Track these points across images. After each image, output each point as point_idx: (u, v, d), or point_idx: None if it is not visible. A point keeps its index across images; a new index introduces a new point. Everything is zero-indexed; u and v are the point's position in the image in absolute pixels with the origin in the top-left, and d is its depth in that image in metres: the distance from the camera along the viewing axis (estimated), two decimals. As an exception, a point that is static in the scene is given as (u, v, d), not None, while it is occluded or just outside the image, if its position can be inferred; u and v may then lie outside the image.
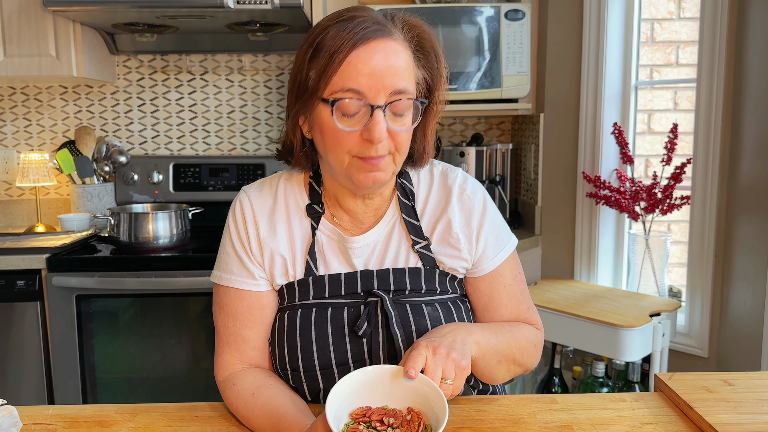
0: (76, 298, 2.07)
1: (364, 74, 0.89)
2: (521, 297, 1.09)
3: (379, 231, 1.04)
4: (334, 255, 1.04)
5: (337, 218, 1.05)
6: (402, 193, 1.06)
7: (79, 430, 0.95)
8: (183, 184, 2.60)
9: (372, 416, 0.79)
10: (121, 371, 2.15)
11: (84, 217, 2.46)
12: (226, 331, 1.04)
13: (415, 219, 1.05)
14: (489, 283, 1.06)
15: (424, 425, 0.80)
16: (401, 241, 1.04)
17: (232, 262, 1.04)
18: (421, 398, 0.82)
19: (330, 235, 1.04)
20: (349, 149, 0.93)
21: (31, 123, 2.70)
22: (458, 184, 1.07)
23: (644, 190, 2.14)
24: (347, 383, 0.82)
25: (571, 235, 2.38)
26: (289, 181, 1.07)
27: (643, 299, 2.06)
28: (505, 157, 2.49)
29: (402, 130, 0.93)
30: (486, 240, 1.05)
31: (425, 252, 1.03)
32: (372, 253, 1.04)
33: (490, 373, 1.00)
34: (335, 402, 0.78)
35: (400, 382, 0.84)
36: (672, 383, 1.05)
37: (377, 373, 0.84)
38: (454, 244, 1.04)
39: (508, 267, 1.08)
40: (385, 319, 0.98)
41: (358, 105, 0.90)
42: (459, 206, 1.05)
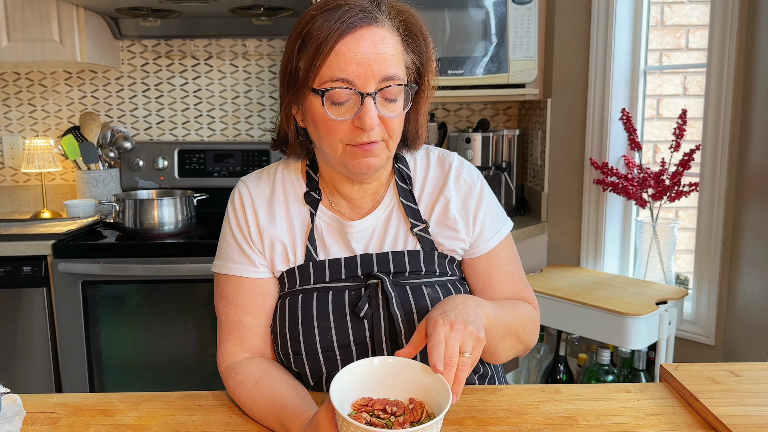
0: (82, 284, 2.08)
1: (353, 63, 0.89)
2: (518, 276, 1.10)
3: (377, 215, 1.05)
4: (333, 240, 1.04)
5: (335, 204, 1.05)
6: (399, 178, 1.07)
7: (83, 418, 0.96)
8: (188, 170, 2.60)
9: (374, 406, 0.79)
10: (128, 357, 2.16)
11: (89, 203, 2.46)
12: (227, 319, 1.04)
13: (413, 202, 1.05)
14: (486, 263, 1.07)
15: (427, 413, 0.80)
16: (399, 225, 1.05)
17: (232, 251, 1.04)
18: (423, 389, 0.82)
19: (329, 222, 1.04)
20: (341, 138, 0.93)
21: (35, 109, 2.70)
22: (455, 167, 1.08)
23: (652, 177, 2.12)
24: (350, 372, 0.81)
25: (577, 222, 2.36)
26: (287, 170, 1.08)
27: (650, 287, 2.04)
28: (512, 143, 2.46)
29: (393, 116, 0.94)
30: (483, 221, 1.06)
31: (424, 234, 1.04)
32: (371, 238, 1.04)
33: (494, 348, 0.99)
34: (339, 390, 0.78)
35: (402, 374, 0.83)
36: (678, 374, 1.04)
37: (381, 364, 0.84)
38: (452, 226, 1.04)
39: (505, 248, 1.09)
40: (385, 300, 0.99)
41: (348, 93, 0.91)
42: (456, 188, 1.06)
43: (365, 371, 0.83)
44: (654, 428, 0.91)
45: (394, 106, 0.94)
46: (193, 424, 0.93)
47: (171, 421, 0.94)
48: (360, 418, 0.77)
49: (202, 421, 0.94)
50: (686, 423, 0.93)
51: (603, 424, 0.93)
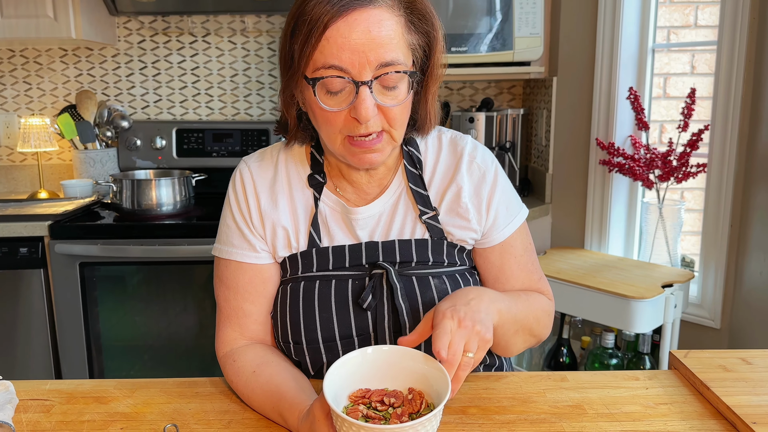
0: (80, 266, 2.06)
1: (346, 49, 0.83)
2: (532, 267, 1.05)
3: (384, 201, 1.00)
4: (337, 226, 1.00)
5: (340, 189, 1.01)
6: (409, 162, 1.02)
7: (77, 406, 0.93)
8: (186, 150, 2.56)
9: (372, 397, 0.76)
10: (127, 339, 2.14)
11: (86, 183, 2.42)
12: (227, 305, 1.01)
13: (423, 188, 1.00)
14: (499, 254, 1.02)
15: (427, 403, 0.77)
16: (408, 212, 1.00)
17: (232, 235, 1.01)
18: (421, 377, 0.79)
19: (333, 207, 1.00)
20: (339, 129, 0.89)
21: (31, 87, 2.65)
22: (468, 152, 1.02)
23: (659, 158, 2.07)
24: (344, 365, 0.78)
25: (582, 203, 2.32)
26: (290, 151, 1.03)
27: (656, 269, 2.01)
28: (516, 122, 2.42)
29: (393, 105, 0.88)
30: (497, 210, 1.01)
31: (433, 223, 0.99)
32: (377, 225, 1.00)
33: (506, 343, 0.96)
34: (333, 384, 0.75)
35: (398, 363, 0.80)
36: (687, 361, 1.02)
37: (375, 354, 0.81)
38: (463, 215, 0.99)
39: (519, 237, 1.04)
40: (390, 291, 0.95)
41: (342, 82, 0.85)
42: (468, 175, 1.01)
43: (360, 362, 0.80)
44: (664, 418, 0.89)
45: (395, 93, 0.88)
46: (189, 413, 0.91)
47: (167, 409, 0.92)
48: (356, 411, 0.74)
49: (199, 410, 0.92)
50: (697, 412, 0.90)
51: (611, 413, 0.90)
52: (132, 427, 0.87)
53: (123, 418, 0.89)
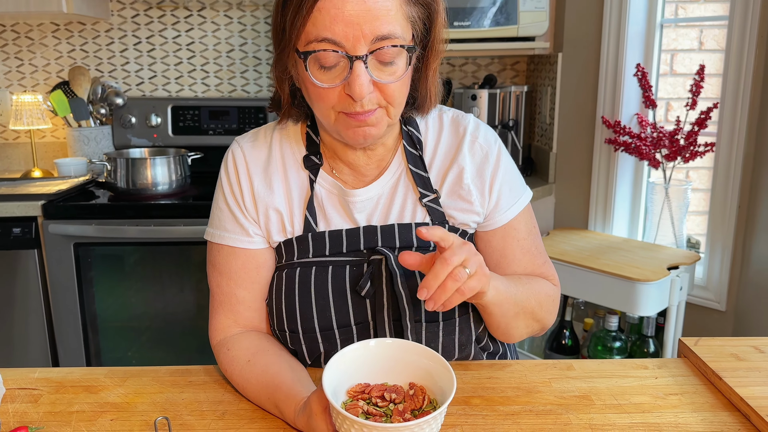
0: (74, 246, 2.02)
1: (339, 21, 0.78)
2: (536, 251, 1.01)
3: (383, 183, 0.96)
4: (334, 210, 0.95)
5: (336, 171, 0.97)
6: (408, 142, 0.97)
7: (66, 395, 0.90)
8: (182, 128, 2.50)
9: (372, 393, 0.73)
10: (123, 320, 2.11)
11: (81, 161, 2.37)
12: (219, 291, 0.97)
13: (423, 170, 0.96)
14: (502, 237, 0.98)
15: (429, 399, 0.73)
16: (407, 195, 0.96)
17: (225, 219, 0.96)
18: (424, 373, 0.75)
19: (330, 189, 0.96)
20: (333, 105, 0.84)
21: (23, 63, 2.59)
22: (470, 132, 0.97)
23: (666, 137, 2.02)
24: (344, 357, 0.75)
25: (586, 183, 2.28)
26: (285, 131, 0.98)
27: (661, 251, 1.98)
28: (519, 100, 2.36)
29: (390, 81, 0.83)
30: (499, 191, 0.97)
31: (434, 206, 0.95)
32: (375, 208, 0.95)
33: (506, 326, 0.93)
34: (332, 377, 0.71)
35: (401, 357, 0.77)
36: (698, 349, 0.98)
37: (378, 347, 0.77)
38: (466, 197, 0.95)
39: (523, 220, 1.00)
40: (389, 278, 0.91)
41: (336, 57, 0.80)
42: (471, 155, 0.96)
43: (361, 354, 0.76)
44: (674, 409, 0.85)
45: (392, 69, 0.83)
46: (182, 403, 0.88)
47: (159, 399, 0.89)
48: (356, 407, 0.70)
49: (192, 399, 0.89)
50: (708, 403, 0.87)
51: (620, 404, 0.87)
52: (122, 418, 0.84)
53: (113, 409, 0.86)
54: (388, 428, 0.64)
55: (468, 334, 0.94)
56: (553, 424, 0.82)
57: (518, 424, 0.82)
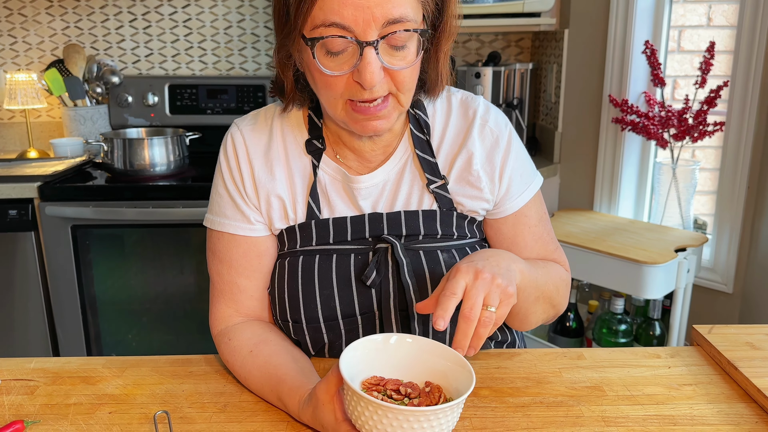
0: (72, 228, 1.99)
1: (348, 4, 0.73)
2: (548, 238, 0.98)
3: (388, 169, 0.92)
4: (338, 196, 0.92)
5: (340, 156, 0.93)
6: (416, 126, 0.93)
7: (63, 387, 0.87)
8: (180, 107, 2.46)
9: (387, 385, 0.70)
10: (123, 302, 2.09)
11: (77, 142, 2.33)
12: (220, 279, 0.94)
13: (431, 155, 0.92)
14: (512, 224, 0.95)
15: (445, 398, 0.71)
16: (414, 181, 0.92)
17: (225, 205, 0.93)
18: (440, 374, 0.72)
19: (333, 175, 0.92)
20: (340, 93, 0.80)
21: (16, 40, 2.53)
22: (480, 115, 0.93)
23: (675, 116, 1.98)
24: (361, 349, 0.72)
25: (592, 163, 2.24)
26: (286, 114, 0.94)
27: (668, 233, 1.95)
28: (524, 78, 2.31)
29: (402, 67, 0.79)
30: (510, 178, 0.93)
31: (441, 192, 0.91)
32: (381, 195, 0.92)
33: (525, 311, 0.90)
34: (349, 365, 0.69)
35: (419, 356, 0.74)
36: (712, 338, 0.95)
37: (398, 343, 0.74)
38: (475, 183, 0.91)
39: (534, 207, 0.96)
40: (396, 267, 0.88)
41: (344, 42, 0.76)
42: (480, 140, 0.92)
43: (378, 348, 0.73)
44: (689, 401, 0.83)
45: (403, 54, 0.79)
46: (183, 394, 0.85)
47: (159, 391, 0.86)
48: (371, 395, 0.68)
49: (193, 391, 0.86)
50: (724, 395, 0.84)
51: (632, 395, 0.84)
52: (121, 411, 0.81)
53: (112, 401, 0.84)
54: (403, 411, 0.62)
55: (476, 325, 0.91)
56: (565, 417, 0.79)
57: (528, 417, 0.79)
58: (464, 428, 0.76)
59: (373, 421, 0.63)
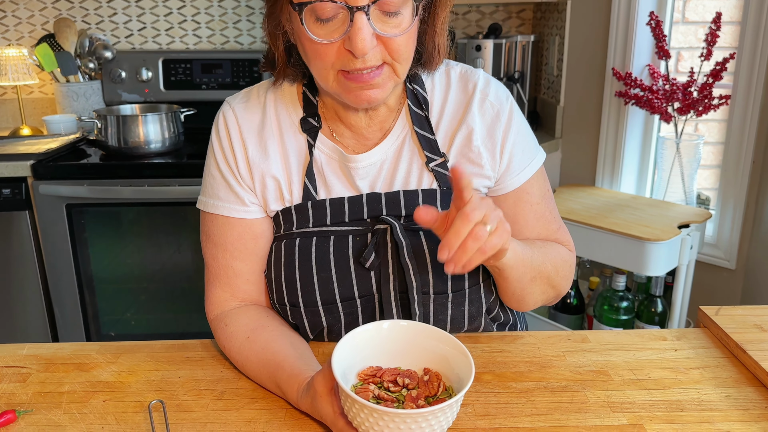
0: (67, 207, 1.96)
1: None
2: (551, 216, 0.95)
3: (386, 147, 0.89)
4: (335, 176, 0.89)
5: (336, 134, 0.90)
6: (414, 102, 0.90)
7: (56, 374, 0.85)
8: (174, 82, 2.41)
9: (384, 377, 0.68)
10: (121, 281, 2.07)
11: (70, 118, 2.29)
12: (215, 263, 0.92)
13: (430, 132, 0.89)
14: (514, 202, 0.92)
15: (445, 386, 0.69)
16: (413, 159, 0.89)
17: (218, 186, 0.90)
18: (440, 358, 0.70)
19: (330, 154, 0.89)
20: (331, 63, 0.77)
21: (5, 14, 2.47)
22: (480, 88, 0.90)
23: (680, 89, 1.94)
24: (355, 338, 0.70)
25: (594, 138, 2.20)
26: (280, 91, 0.91)
27: (671, 209, 1.92)
28: (526, 50, 2.26)
29: (396, 35, 0.75)
30: (511, 153, 0.90)
31: (441, 170, 0.89)
32: (379, 174, 0.89)
33: (522, 291, 0.88)
34: (342, 359, 0.66)
35: (415, 340, 0.72)
36: (719, 320, 0.94)
37: (391, 329, 0.72)
38: (475, 160, 0.89)
39: (536, 183, 0.93)
40: (395, 248, 0.85)
41: (334, 8, 0.72)
42: (480, 114, 0.89)
43: (372, 335, 0.71)
44: (696, 385, 0.81)
45: (397, 20, 0.75)
46: (179, 381, 0.83)
47: (154, 378, 0.84)
48: (366, 391, 0.66)
49: (189, 377, 0.84)
50: (732, 378, 0.83)
51: (638, 379, 0.83)
52: (115, 399, 0.80)
53: (106, 389, 0.82)
54: (399, 414, 0.60)
55: (478, 306, 0.89)
56: (570, 402, 0.78)
57: (532, 403, 0.78)
58: (467, 415, 0.75)
59: (369, 423, 0.61)
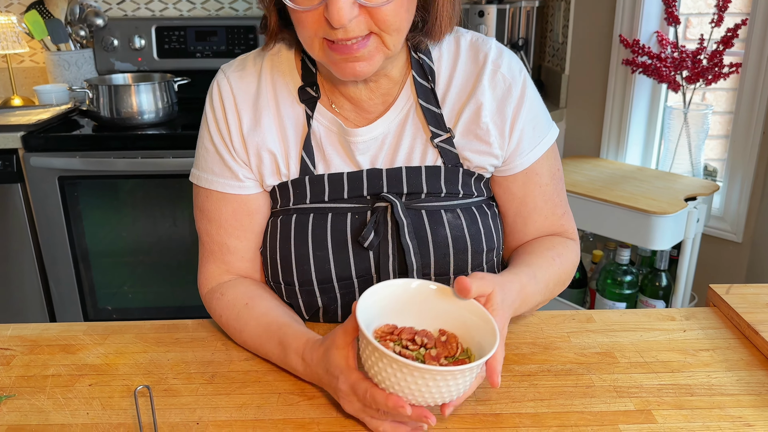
0: (59, 180, 1.92)
1: None
2: (558, 200, 0.91)
3: (388, 121, 0.84)
4: (334, 150, 0.85)
5: (336, 106, 0.85)
6: (419, 72, 0.84)
7: (41, 356, 0.82)
8: (168, 50, 2.34)
9: (401, 335, 0.66)
10: (116, 254, 2.04)
11: (62, 88, 2.23)
12: (209, 239, 0.88)
13: (435, 105, 0.84)
14: (523, 182, 0.87)
15: (462, 348, 0.66)
16: (417, 134, 0.84)
17: (212, 161, 0.86)
18: (459, 323, 0.68)
19: (329, 126, 0.85)
20: (315, 31, 0.72)
21: (-8, -21, 2.39)
22: (492, 59, 0.84)
23: (689, 57, 1.87)
24: (379, 294, 0.68)
25: (600, 108, 2.14)
26: (277, 58, 0.86)
27: (677, 180, 1.87)
28: (530, 16, 2.19)
29: (381, 4, 0.69)
30: (522, 131, 0.85)
31: (446, 147, 0.84)
32: (380, 149, 0.84)
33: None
34: (365, 312, 0.64)
35: (436, 304, 0.69)
36: (730, 299, 0.90)
37: (419, 289, 0.70)
38: (483, 137, 0.83)
39: (546, 163, 0.88)
40: (395, 228, 0.81)
41: None
42: (491, 88, 0.83)
43: (397, 294, 0.69)
44: (706, 368, 0.78)
45: None
46: (168, 364, 0.80)
47: (143, 360, 0.81)
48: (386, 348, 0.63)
49: (179, 360, 0.81)
50: (743, 360, 0.79)
51: (646, 362, 0.79)
52: (102, 383, 0.77)
53: (92, 372, 0.79)
54: (432, 370, 0.58)
55: (481, 288, 0.86)
56: (574, 386, 0.75)
57: (535, 387, 0.75)
58: (466, 400, 0.72)
59: (396, 377, 0.60)
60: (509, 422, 0.69)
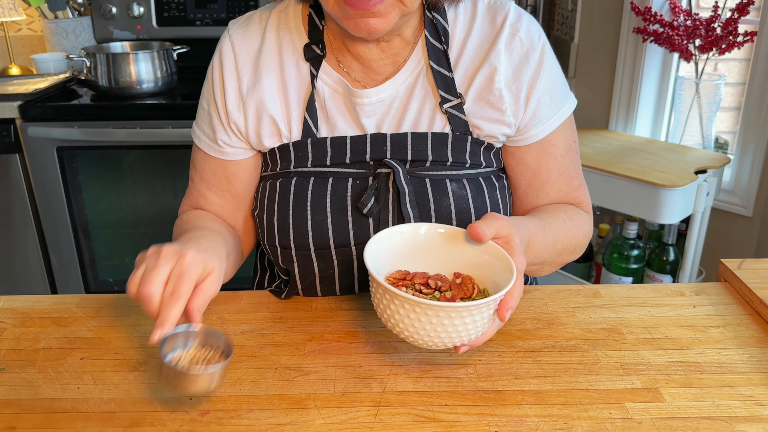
0: (57, 150, 1.89)
1: None
2: (573, 171, 0.87)
3: (397, 84, 0.80)
4: (338, 112, 0.82)
5: (344, 65, 0.82)
6: (432, 33, 0.80)
7: (32, 329, 0.80)
8: (167, 18, 2.28)
9: (414, 279, 0.65)
10: (117, 226, 2.02)
11: (59, 57, 2.19)
12: (193, 185, 0.92)
13: (447, 69, 0.80)
14: (537, 153, 0.84)
15: (479, 289, 0.64)
16: (426, 98, 0.81)
17: (202, 119, 0.87)
18: (473, 266, 0.67)
19: (334, 87, 0.81)
20: None
21: (-13, -56, 2.32)
22: (510, 23, 0.80)
23: (702, 25, 1.81)
24: (386, 240, 0.67)
25: (609, 78, 2.09)
26: (284, 15, 0.83)
27: (687, 153, 1.83)
28: (539, -17, 2.12)
29: None
30: (538, 100, 0.81)
31: (456, 113, 0.80)
32: (387, 113, 0.81)
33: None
34: (374, 258, 0.64)
35: (448, 247, 0.68)
36: (742, 274, 0.87)
37: (427, 234, 0.69)
38: (496, 104, 0.80)
39: (562, 134, 0.85)
40: (396, 195, 0.78)
41: None
42: (507, 53, 0.79)
43: (406, 240, 0.68)
44: (716, 345, 0.75)
45: None
46: (162, 338, 0.78)
47: (135, 334, 0.79)
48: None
49: (172, 334, 0.79)
50: (755, 338, 0.77)
51: (654, 338, 0.77)
52: (94, 357, 0.75)
53: (84, 345, 0.77)
54: (445, 307, 0.57)
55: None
56: (579, 363, 0.72)
57: (539, 363, 0.72)
58: (467, 376, 0.69)
59: (410, 318, 0.59)
60: (512, 399, 0.66)
